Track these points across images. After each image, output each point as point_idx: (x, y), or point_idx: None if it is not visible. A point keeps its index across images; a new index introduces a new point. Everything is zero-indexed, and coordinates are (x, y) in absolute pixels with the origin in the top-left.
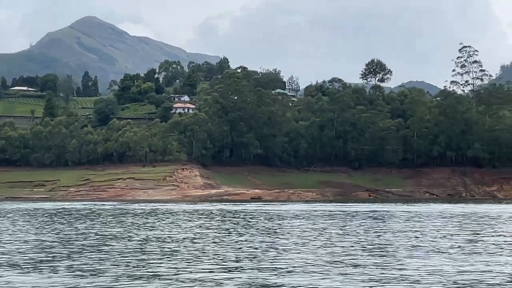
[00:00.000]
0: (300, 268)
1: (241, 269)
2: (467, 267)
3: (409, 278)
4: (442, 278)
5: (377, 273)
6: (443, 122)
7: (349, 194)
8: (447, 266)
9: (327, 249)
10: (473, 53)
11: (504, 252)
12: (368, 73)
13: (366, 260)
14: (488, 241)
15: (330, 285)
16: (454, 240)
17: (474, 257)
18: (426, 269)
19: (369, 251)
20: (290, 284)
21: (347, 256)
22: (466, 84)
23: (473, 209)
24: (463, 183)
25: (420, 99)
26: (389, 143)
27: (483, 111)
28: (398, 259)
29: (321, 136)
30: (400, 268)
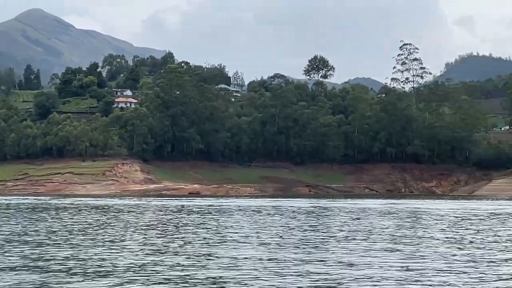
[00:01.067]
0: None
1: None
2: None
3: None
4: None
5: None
6: (383, 118)
7: (290, 190)
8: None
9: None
10: (414, 51)
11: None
12: (311, 69)
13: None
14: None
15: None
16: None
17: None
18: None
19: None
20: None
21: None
22: (407, 81)
23: (401, 205)
24: (403, 179)
25: (362, 95)
26: (331, 139)
27: (423, 108)
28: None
29: (263, 131)
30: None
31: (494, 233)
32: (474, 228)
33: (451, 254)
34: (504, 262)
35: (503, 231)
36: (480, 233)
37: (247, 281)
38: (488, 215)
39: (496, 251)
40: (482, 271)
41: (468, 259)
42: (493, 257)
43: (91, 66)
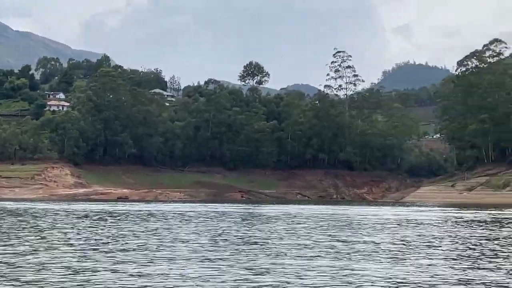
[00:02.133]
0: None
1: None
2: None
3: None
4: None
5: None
6: (316, 125)
7: (223, 195)
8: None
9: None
10: (347, 58)
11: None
12: (246, 75)
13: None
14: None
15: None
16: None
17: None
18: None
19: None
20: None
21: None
22: (340, 89)
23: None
24: (335, 185)
25: (295, 102)
26: (264, 145)
27: (355, 115)
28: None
29: (197, 136)
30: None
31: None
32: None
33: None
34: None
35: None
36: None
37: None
38: (383, 221)
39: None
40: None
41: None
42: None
43: (23, 68)
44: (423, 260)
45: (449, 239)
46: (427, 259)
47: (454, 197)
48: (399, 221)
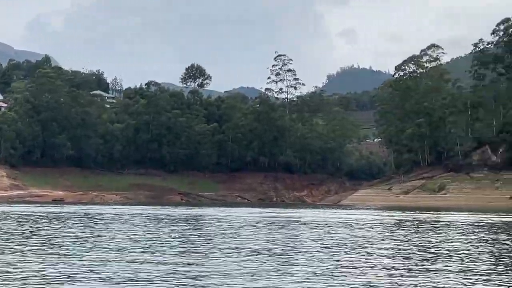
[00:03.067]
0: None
1: None
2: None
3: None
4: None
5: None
6: (257, 128)
7: (162, 198)
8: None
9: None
10: (288, 62)
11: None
12: (188, 77)
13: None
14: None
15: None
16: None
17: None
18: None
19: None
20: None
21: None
22: (281, 92)
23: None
24: (275, 188)
25: (236, 105)
26: (204, 148)
27: (296, 119)
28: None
29: (136, 138)
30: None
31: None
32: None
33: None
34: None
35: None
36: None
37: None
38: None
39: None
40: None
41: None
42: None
43: None
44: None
45: (372, 241)
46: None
47: (390, 200)
48: (329, 223)
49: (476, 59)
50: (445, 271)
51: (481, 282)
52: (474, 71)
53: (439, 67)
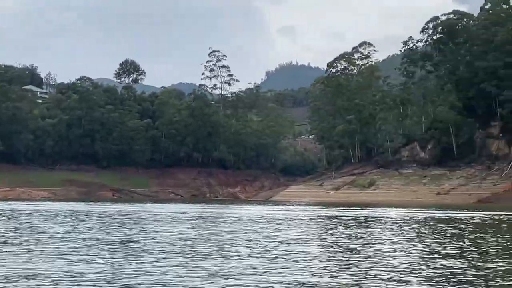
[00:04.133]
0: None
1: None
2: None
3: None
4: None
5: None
6: (191, 124)
7: (94, 194)
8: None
9: None
10: (222, 58)
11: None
12: (122, 73)
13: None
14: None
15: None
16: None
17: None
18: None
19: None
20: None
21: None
22: (215, 88)
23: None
24: (208, 184)
25: (170, 100)
26: (138, 143)
27: (230, 115)
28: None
29: (69, 134)
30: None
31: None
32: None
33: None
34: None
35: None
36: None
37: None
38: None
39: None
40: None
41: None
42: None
43: None
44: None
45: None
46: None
47: (321, 196)
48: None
49: (405, 57)
50: (360, 261)
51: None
52: (404, 68)
53: (370, 65)
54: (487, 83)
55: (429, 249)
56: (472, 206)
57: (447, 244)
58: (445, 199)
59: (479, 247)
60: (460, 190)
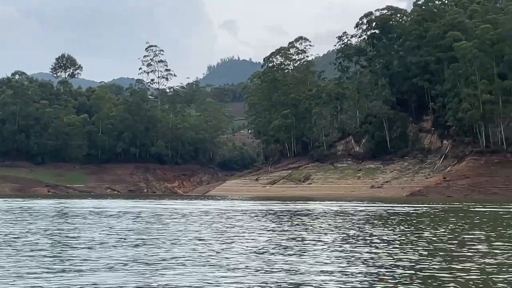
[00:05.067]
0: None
1: None
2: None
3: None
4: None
5: None
6: (128, 119)
7: (28, 190)
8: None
9: None
10: (159, 53)
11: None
12: (58, 67)
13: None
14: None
15: None
16: None
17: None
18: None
19: None
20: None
21: None
22: (152, 83)
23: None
24: (145, 179)
25: (106, 95)
26: (74, 139)
27: (167, 110)
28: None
29: (2, 130)
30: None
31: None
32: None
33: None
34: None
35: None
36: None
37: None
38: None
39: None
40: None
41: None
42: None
43: None
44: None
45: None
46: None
47: (257, 190)
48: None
49: (340, 52)
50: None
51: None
52: (339, 63)
53: (306, 60)
54: (419, 78)
55: (337, 237)
56: (404, 199)
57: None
58: (378, 192)
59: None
60: (393, 183)
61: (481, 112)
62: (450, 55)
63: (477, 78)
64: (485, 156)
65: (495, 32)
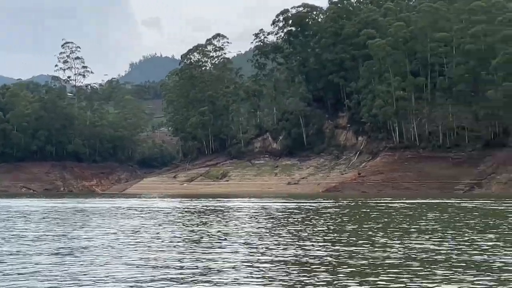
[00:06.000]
0: None
1: None
2: None
3: None
4: None
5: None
6: (43, 117)
7: None
8: None
9: None
10: (76, 49)
11: None
12: None
13: None
14: None
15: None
16: None
17: None
18: None
19: None
20: None
21: None
22: (69, 80)
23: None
24: (62, 178)
25: (21, 93)
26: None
27: (85, 107)
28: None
29: None
30: None
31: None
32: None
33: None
34: None
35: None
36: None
37: None
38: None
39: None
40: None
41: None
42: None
43: None
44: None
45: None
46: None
47: (175, 188)
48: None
49: (257, 49)
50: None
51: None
52: (256, 60)
53: (224, 57)
54: (335, 75)
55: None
56: (320, 195)
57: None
58: (295, 189)
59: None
60: (310, 179)
61: (394, 108)
62: (365, 52)
63: (391, 75)
64: (398, 152)
65: (408, 30)
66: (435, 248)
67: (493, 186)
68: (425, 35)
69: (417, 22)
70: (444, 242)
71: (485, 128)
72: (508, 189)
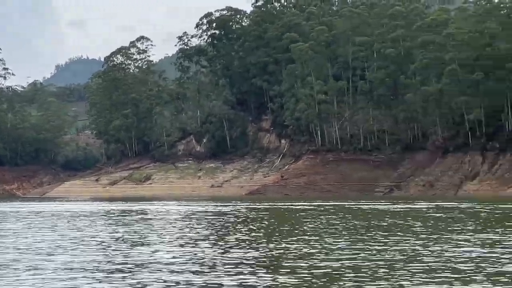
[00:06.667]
0: None
1: None
2: None
3: None
4: None
5: None
6: None
7: None
8: None
9: None
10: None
11: None
12: None
13: None
14: None
15: None
16: None
17: None
18: None
19: None
20: None
21: None
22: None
23: None
24: None
25: None
26: None
27: (6, 109)
28: None
29: None
30: None
31: None
32: None
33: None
34: None
35: None
36: None
37: None
38: None
39: None
40: None
41: None
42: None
43: None
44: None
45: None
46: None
47: (97, 191)
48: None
49: (180, 52)
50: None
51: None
52: (179, 63)
53: (147, 59)
54: (258, 78)
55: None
56: (242, 198)
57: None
58: (218, 192)
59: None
60: (233, 182)
61: (316, 112)
62: (288, 56)
63: (313, 78)
64: (320, 154)
65: (330, 34)
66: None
67: (411, 188)
68: (347, 39)
69: (339, 26)
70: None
71: (405, 131)
72: (425, 192)
